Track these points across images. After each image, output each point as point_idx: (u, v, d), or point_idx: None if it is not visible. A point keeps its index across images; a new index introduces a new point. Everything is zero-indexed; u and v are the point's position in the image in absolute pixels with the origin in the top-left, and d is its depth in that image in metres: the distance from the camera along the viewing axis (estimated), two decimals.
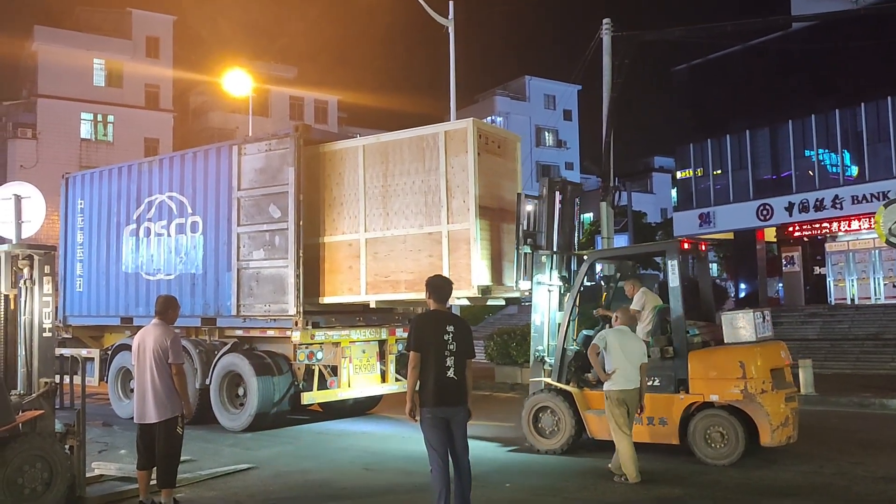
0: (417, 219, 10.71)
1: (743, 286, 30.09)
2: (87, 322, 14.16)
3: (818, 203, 25.47)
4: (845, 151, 25.67)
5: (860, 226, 24.92)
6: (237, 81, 29.32)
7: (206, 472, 8.36)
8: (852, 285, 25.78)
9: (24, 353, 6.96)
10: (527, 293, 10.25)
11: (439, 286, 6.24)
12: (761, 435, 8.22)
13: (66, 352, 12.54)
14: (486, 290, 10.34)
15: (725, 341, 8.70)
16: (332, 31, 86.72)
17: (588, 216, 51.96)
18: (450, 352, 5.97)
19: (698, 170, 29.86)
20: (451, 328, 6.03)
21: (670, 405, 8.51)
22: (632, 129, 62.83)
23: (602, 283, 11.51)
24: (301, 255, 11.18)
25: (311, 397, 11.39)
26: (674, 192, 33.75)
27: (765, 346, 8.61)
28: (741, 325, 8.61)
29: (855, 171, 25.48)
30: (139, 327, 7.59)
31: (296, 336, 11.10)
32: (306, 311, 11.20)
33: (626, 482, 7.64)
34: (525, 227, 10.10)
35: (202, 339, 12.29)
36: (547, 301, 9.84)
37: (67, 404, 12.89)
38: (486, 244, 10.38)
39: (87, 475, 7.41)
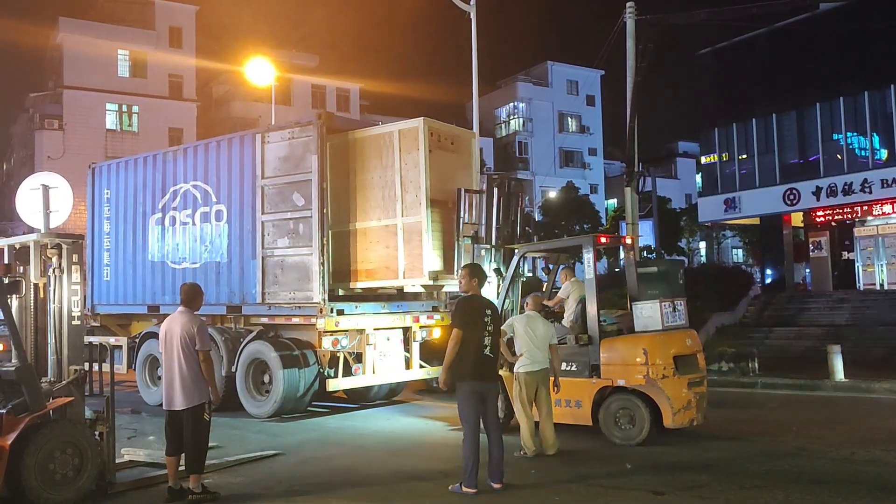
0: (376, 212, 11.31)
1: (769, 272, 29.70)
2: (115, 310, 14.34)
3: (846, 187, 24.99)
4: (874, 134, 25.14)
5: (889, 210, 24.48)
6: (259, 71, 29.31)
7: (234, 459, 8.43)
8: (882, 270, 25.33)
9: (53, 341, 7.04)
10: None
11: (481, 275, 7.34)
12: (664, 417, 8.65)
13: (95, 340, 12.68)
14: (436, 278, 10.94)
15: (635, 330, 9.09)
16: (353, 18, 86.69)
17: (612, 202, 51.83)
18: (487, 332, 6.89)
19: (723, 154, 29.38)
20: (488, 311, 7.01)
21: (584, 389, 9.07)
22: (656, 113, 62.25)
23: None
24: (325, 242, 11.22)
25: (336, 384, 11.44)
26: (698, 178, 33.36)
27: (670, 334, 9.00)
28: (648, 314, 9.05)
29: (884, 154, 24.98)
30: (165, 315, 7.64)
31: (321, 323, 11.14)
32: (331, 298, 11.26)
33: (527, 455, 8.25)
34: (467, 220, 10.58)
35: (228, 327, 12.39)
36: (486, 292, 10.16)
37: (96, 391, 13.04)
38: (438, 235, 10.98)
39: (117, 461, 7.51)
